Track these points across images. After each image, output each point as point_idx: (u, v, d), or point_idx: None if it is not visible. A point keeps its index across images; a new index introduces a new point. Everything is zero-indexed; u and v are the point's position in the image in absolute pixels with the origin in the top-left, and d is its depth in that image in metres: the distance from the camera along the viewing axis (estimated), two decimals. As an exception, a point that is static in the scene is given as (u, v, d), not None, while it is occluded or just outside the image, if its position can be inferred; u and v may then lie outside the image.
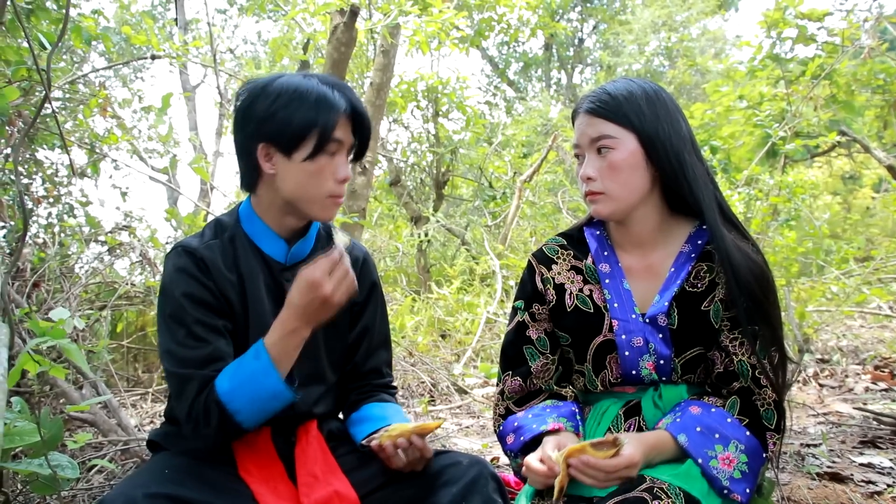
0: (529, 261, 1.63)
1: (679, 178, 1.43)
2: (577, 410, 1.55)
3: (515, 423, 1.54)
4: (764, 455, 1.38)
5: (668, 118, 1.44)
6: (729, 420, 1.39)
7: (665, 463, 1.37)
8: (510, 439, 1.54)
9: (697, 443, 1.35)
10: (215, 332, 1.40)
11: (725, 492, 1.32)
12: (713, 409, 1.40)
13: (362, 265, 1.64)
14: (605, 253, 1.56)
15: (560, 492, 1.28)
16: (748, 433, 1.38)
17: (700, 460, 1.33)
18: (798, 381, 3.77)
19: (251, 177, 1.48)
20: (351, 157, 1.51)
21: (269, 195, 1.48)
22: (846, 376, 3.87)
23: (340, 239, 1.43)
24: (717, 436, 1.36)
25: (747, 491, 1.33)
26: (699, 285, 1.48)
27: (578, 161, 1.51)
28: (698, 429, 1.36)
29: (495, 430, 1.62)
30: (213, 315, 1.41)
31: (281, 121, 1.38)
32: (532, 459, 1.37)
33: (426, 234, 7.81)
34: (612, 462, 1.26)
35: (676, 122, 1.45)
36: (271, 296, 1.49)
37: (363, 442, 1.48)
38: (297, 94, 1.39)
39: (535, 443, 1.48)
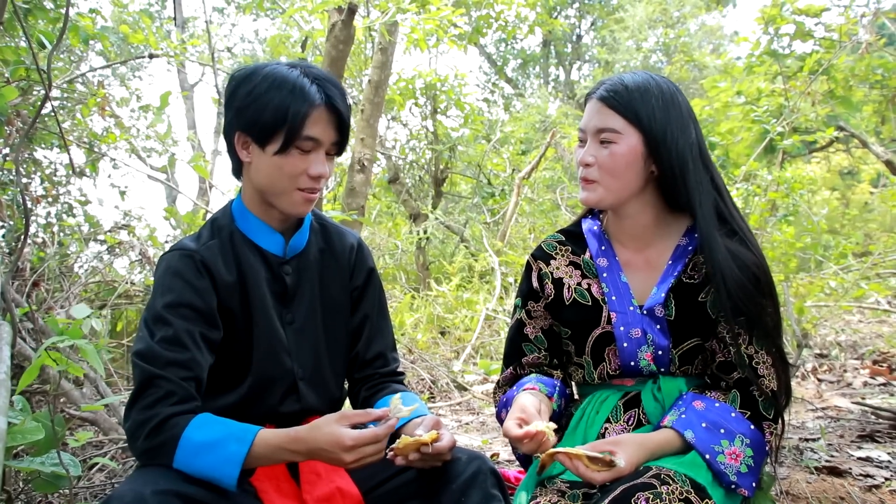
0: (528, 259, 1.67)
1: (678, 182, 1.44)
2: (559, 385, 1.59)
3: (504, 399, 1.60)
4: (767, 448, 1.39)
5: (679, 122, 1.44)
6: (733, 415, 1.39)
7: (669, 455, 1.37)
8: (503, 414, 1.58)
9: (704, 439, 1.35)
10: (196, 343, 1.35)
11: (733, 486, 1.33)
12: (717, 404, 1.41)
13: (357, 251, 1.63)
14: (603, 248, 1.58)
15: (542, 468, 1.35)
16: (752, 427, 1.39)
17: (707, 456, 1.34)
18: (797, 376, 3.78)
19: (235, 164, 1.48)
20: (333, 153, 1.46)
21: (249, 186, 1.48)
22: (845, 371, 3.88)
23: (400, 409, 1.33)
24: (722, 431, 1.37)
25: (753, 485, 1.34)
26: (696, 277, 1.49)
27: (580, 143, 1.51)
28: (704, 424, 1.37)
29: (497, 417, 1.67)
30: (202, 324, 1.37)
31: (255, 110, 1.36)
32: (511, 425, 1.37)
33: (425, 232, 7.82)
34: (597, 475, 1.27)
35: (686, 126, 1.45)
36: (272, 291, 1.49)
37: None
38: (276, 83, 1.36)
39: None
